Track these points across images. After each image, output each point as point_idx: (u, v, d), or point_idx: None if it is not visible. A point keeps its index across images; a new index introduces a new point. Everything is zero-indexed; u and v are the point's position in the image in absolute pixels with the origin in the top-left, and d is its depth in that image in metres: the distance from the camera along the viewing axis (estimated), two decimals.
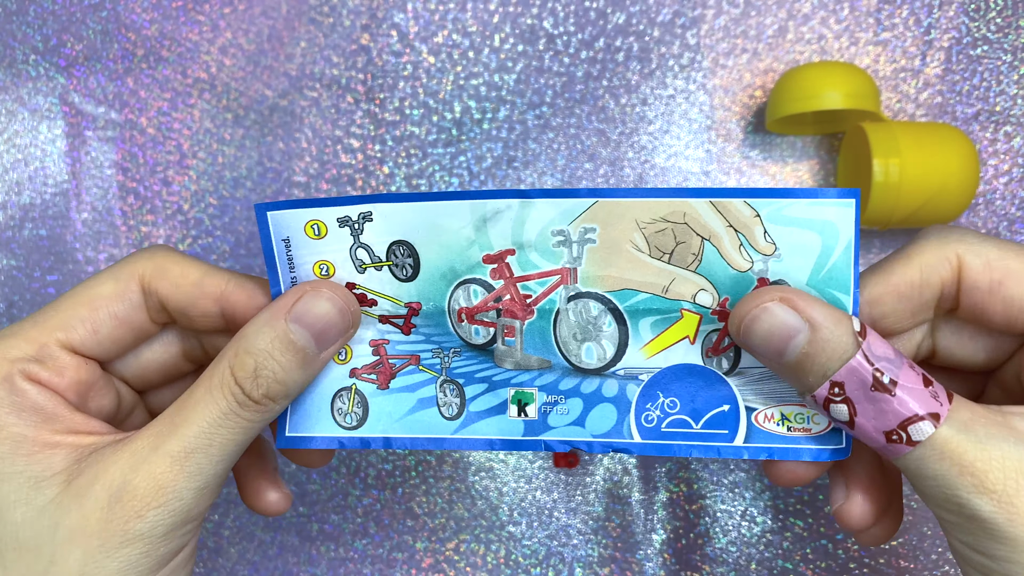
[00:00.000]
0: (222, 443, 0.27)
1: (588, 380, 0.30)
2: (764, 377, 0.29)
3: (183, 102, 0.47)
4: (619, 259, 0.29)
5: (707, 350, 0.30)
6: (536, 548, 0.46)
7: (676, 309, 0.29)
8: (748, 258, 0.28)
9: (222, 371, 0.27)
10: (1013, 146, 0.44)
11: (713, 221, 0.28)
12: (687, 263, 0.29)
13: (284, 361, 0.28)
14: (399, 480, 0.46)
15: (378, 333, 0.31)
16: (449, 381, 0.31)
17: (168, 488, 0.26)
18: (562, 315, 0.30)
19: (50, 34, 0.48)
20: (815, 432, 0.29)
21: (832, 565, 0.44)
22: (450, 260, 0.30)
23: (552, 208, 0.29)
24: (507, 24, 0.46)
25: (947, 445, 0.25)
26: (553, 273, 0.29)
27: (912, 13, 0.44)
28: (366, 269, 0.30)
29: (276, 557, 0.46)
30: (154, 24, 0.47)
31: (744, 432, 0.29)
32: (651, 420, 0.30)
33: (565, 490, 0.46)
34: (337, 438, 0.31)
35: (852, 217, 0.27)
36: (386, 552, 0.46)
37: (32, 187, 0.48)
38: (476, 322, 0.30)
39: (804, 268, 0.28)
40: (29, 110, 0.48)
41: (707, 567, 0.44)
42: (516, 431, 0.30)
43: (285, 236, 0.30)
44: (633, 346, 0.30)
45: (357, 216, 0.29)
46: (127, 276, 0.29)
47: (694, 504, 0.45)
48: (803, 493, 0.44)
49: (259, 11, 0.47)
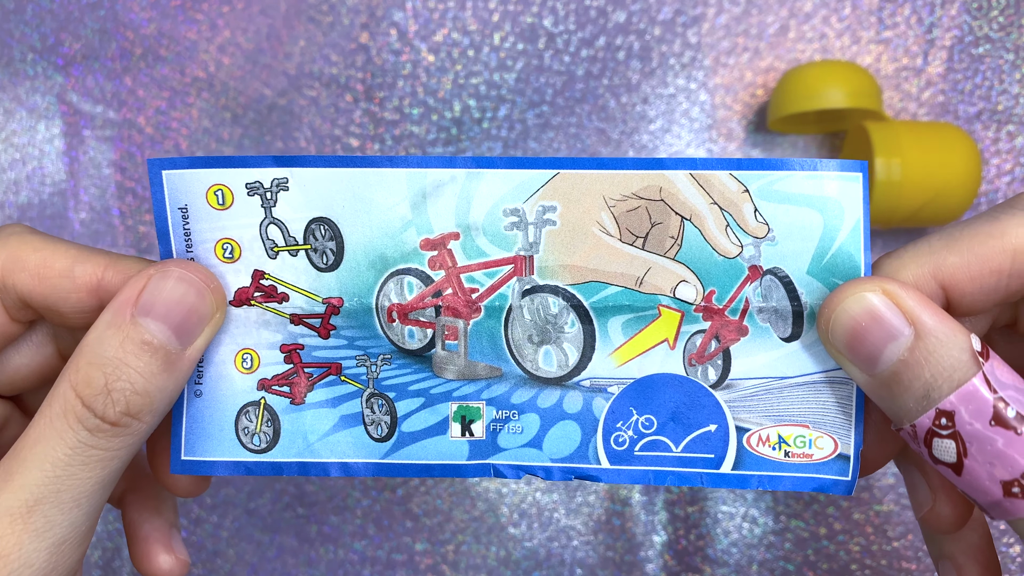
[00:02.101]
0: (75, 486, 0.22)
1: (547, 392, 0.25)
2: (759, 392, 0.25)
3: (181, 101, 0.47)
4: (584, 245, 0.24)
5: (690, 356, 0.25)
6: (536, 549, 0.45)
7: (653, 306, 0.25)
8: (737, 242, 0.24)
9: (63, 395, 0.22)
10: (1015, 145, 0.44)
11: (694, 197, 0.23)
12: (665, 249, 0.24)
13: (141, 366, 0.22)
14: (398, 481, 0.46)
15: (290, 337, 0.26)
16: (377, 395, 0.26)
17: (12, 555, 0.21)
18: (515, 314, 0.25)
19: (48, 33, 0.47)
20: (817, 459, 0.24)
21: (833, 567, 0.44)
22: (380, 245, 0.25)
23: (505, 182, 0.24)
24: (507, 22, 0.46)
25: None
26: (505, 262, 0.25)
27: (914, 12, 0.44)
28: (279, 253, 0.25)
29: (275, 559, 0.46)
30: (152, 23, 0.47)
31: (733, 457, 0.25)
32: (622, 442, 0.25)
33: (565, 491, 0.45)
34: (243, 463, 0.26)
35: (860, 193, 0.23)
36: (385, 554, 0.46)
37: (30, 186, 0.48)
38: (410, 322, 0.25)
39: (804, 254, 0.24)
40: (27, 109, 0.48)
41: (708, 568, 0.44)
42: (460, 454, 0.25)
43: (183, 204, 0.25)
44: (601, 351, 0.25)
45: (270, 183, 0.24)
46: None
47: (695, 505, 0.45)
48: (804, 495, 0.44)
49: (258, 10, 0.47)
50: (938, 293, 0.22)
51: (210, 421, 0.26)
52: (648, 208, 0.24)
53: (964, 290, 0.22)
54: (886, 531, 0.43)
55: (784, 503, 0.44)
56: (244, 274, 0.25)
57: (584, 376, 0.25)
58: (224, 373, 0.26)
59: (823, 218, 0.23)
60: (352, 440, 0.26)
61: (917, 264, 0.22)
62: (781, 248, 0.24)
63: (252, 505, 0.46)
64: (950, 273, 0.22)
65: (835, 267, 0.23)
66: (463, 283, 0.25)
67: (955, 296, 0.22)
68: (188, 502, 0.46)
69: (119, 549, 0.46)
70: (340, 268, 0.25)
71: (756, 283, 0.24)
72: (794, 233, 0.23)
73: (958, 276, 0.22)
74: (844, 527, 0.44)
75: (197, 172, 0.24)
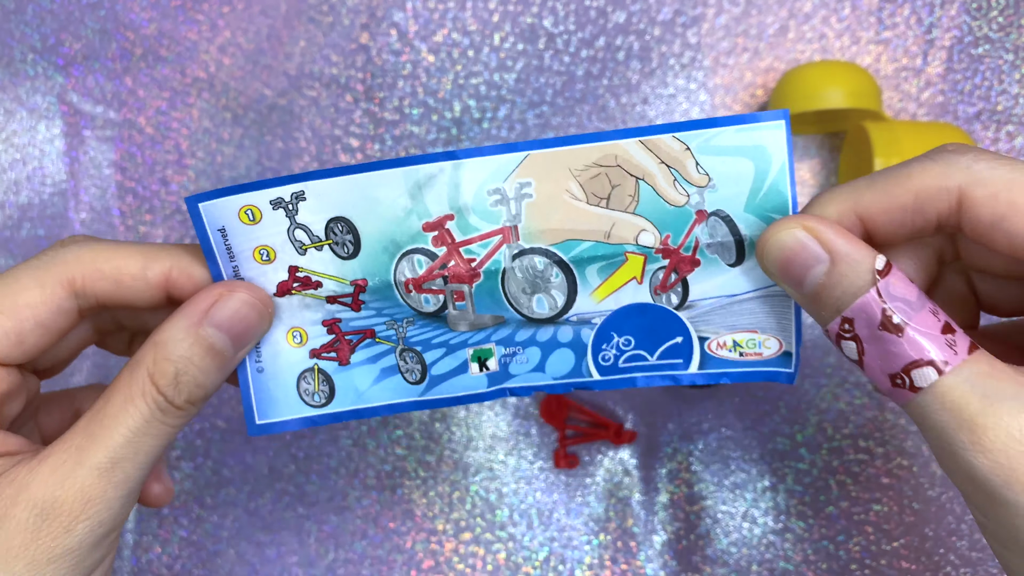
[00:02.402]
0: (147, 450, 0.27)
1: (543, 329, 0.30)
2: (715, 308, 0.30)
3: (182, 101, 0.47)
4: (558, 211, 0.29)
5: (655, 288, 0.30)
6: (536, 550, 0.45)
7: (620, 253, 0.29)
8: (684, 192, 0.28)
9: (141, 379, 0.27)
10: (1015, 145, 0.44)
11: (645, 160, 0.28)
12: (625, 205, 0.29)
13: (204, 366, 0.27)
14: (398, 481, 0.46)
15: (328, 314, 0.30)
16: (407, 349, 0.31)
17: (97, 499, 0.26)
18: (509, 274, 0.30)
19: (48, 33, 0.47)
20: (766, 356, 0.30)
21: (833, 566, 0.44)
22: (390, 232, 0.29)
23: (484, 167, 0.28)
24: (507, 23, 0.46)
25: (949, 395, 0.23)
26: (494, 234, 0.29)
27: (914, 12, 0.44)
28: (307, 250, 0.29)
29: (275, 559, 0.46)
30: (152, 23, 0.47)
31: (698, 360, 0.30)
32: (608, 359, 0.30)
33: (565, 491, 0.45)
34: (309, 417, 0.31)
35: (783, 138, 0.27)
36: (385, 553, 0.46)
37: (30, 187, 0.48)
38: (424, 291, 0.30)
39: (740, 195, 0.28)
40: (27, 109, 0.48)
41: (708, 568, 0.44)
42: (480, 385, 0.31)
43: (220, 226, 0.29)
44: (583, 293, 0.30)
45: (290, 196, 0.29)
46: (53, 282, 0.28)
47: (695, 505, 0.45)
48: (805, 494, 0.44)
49: (258, 10, 0.47)
50: (857, 225, 0.26)
51: (275, 389, 0.31)
52: (607, 174, 0.28)
53: (878, 223, 0.26)
54: (886, 531, 0.44)
55: (785, 502, 0.44)
56: (281, 271, 0.30)
57: (572, 313, 0.30)
58: (279, 350, 0.30)
59: (754, 164, 0.28)
60: (393, 387, 0.31)
61: (842, 200, 0.26)
62: (721, 193, 0.28)
63: (252, 505, 0.46)
64: (866, 208, 0.26)
65: (767, 203, 0.28)
66: (463, 255, 0.29)
67: (871, 228, 0.26)
68: (189, 501, 0.46)
69: (119, 549, 0.46)
70: (360, 255, 0.30)
71: (703, 224, 0.29)
72: (731, 179, 0.28)
73: (872, 211, 0.26)
74: (844, 527, 0.44)
75: (227, 199, 0.29)
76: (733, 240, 0.29)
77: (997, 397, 0.23)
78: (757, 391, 0.45)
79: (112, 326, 0.32)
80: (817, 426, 0.44)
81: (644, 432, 0.45)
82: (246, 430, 0.31)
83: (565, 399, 0.44)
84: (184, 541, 0.46)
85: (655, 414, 0.45)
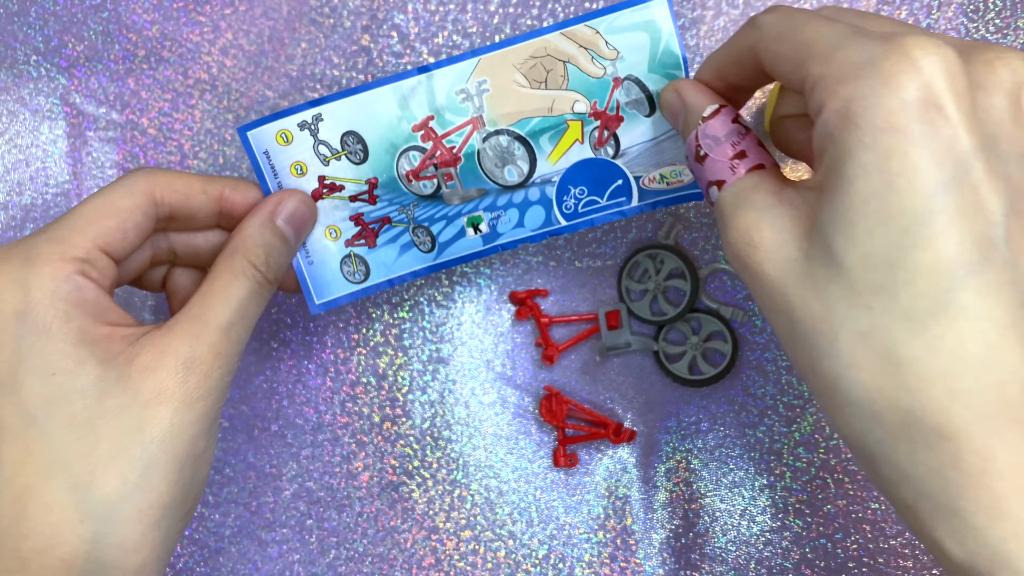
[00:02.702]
0: (251, 315, 0.35)
1: (516, 193, 0.38)
2: (642, 152, 0.38)
3: (184, 103, 0.47)
4: (510, 98, 0.37)
5: (594, 145, 0.38)
6: (536, 548, 0.46)
7: (562, 121, 0.37)
8: (601, 66, 0.36)
9: (240, 262, 0.34)
10: None
11: (568, 47, 0.36)
12: (559, 84, 0.37)
13: (281, 250, 0.36)
14: (400, 480, 0.46)
15: (352, 210, 0.39)
16: (418, 227, 0.39)
17: (223, 353, 0.33)
18: (483, 153, 0.38)
19: (51, 35, 0.48)
20: (686, 181, 0.38)
21: (831, 564, 0.44)
22: (388, 137, 0.37)
23: (450, 74, 0.36)
24: (507, 25, 0.46)
25: (720, 205, 0.31)
26: (466, 124, 0.37)
27: (911, 14, 0.45)
28: (329, 161, 0.38)
29: (276, 557, 0.46)
30: (155, 25, 0.47)
31: (637, 194, 0.38)
32: (570, 207, 0.38)
33: (565, 490, 0.46)
34: (353, 292, 0.40)
35: (667, 12, 0.35)
36: (386, 551, 0.46)
37: (33, 188, 0.48)
38: (421, 178, 0.38)
39: (643, 61, 0.36)
40: (30, 111, 0.48)
41: (706, 566, 0.45)
42: (478, 244, 0.39)
43: (264, 149, 0.37)
44: (540, 159, 0.38)
45: (311, 119, 0.37)
46: (141, 191, 0.34)
47: (693, 503, 0.45)
48: (803, 492, 0.44)
49: (260, 12, 0.47)
50: (718, 80, 0.33)
51: (324, 275, 0.39)
52: (541, 63, 0.36)
53: (728, 77, 0.33)
54: (884, 529, 0.44)
55: (783, 501, 0.44)
56: (312, 181, 0.38)
57: (536, 177, 0.38)
58: (322, 245, 0.39)
59: (648, 35, 0.36)
60: (412, 257, 0.39)
61: (710, 64, 0.34)
62: (628, 61, 0.36)
63: (254, 503, 0.47)
64: (718, 67, 0.33)
65: (664, 63, 0.36)
66: (445, 145, 0.37)
67: (728, 81, 0.33)
68: None
69: None
70: (369, 159, 0.38)
71: (620, 88, 0.37)
72: (633, 49, 0.36)
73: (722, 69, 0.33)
74: (842, 525, 0.44)
75: (266, 126, 0.37)
76: (644, 96, 0.37)
77: (742, 205, 0.29)
78: (756, 390, 0.45)
79: (164, 254, 0.38)
80: (815, 424, 0.45)
81: (643, 431, 0.45)
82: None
83: (564, 398, 0.45)
84: (186, 539, 0.47)
85: (654, 413, 0.45)
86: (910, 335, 0.24)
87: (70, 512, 0.29)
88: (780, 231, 0.27)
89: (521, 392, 0.46)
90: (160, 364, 0.31)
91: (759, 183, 0.30)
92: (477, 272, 0.46)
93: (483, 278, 0.46)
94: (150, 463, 0.30)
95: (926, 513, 0.25)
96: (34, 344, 0.30)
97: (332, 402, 0.47)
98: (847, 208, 0.25)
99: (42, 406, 0.29)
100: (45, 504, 0.29)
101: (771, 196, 0.29)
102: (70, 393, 0.30)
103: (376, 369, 0.47)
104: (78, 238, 0.32)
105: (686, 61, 0.36)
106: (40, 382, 0.30)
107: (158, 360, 0.31)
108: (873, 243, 0.25)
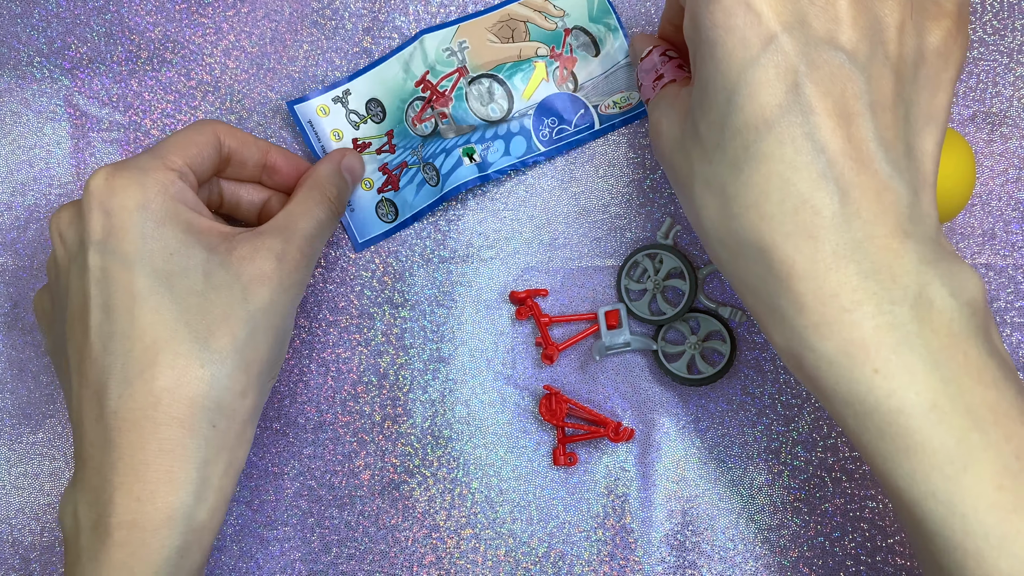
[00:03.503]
0: (323, 237, 0.42)
1: (500, 127, 0.45)
2: (597, 83, 0.45)
3: (187, 104, 0.48)
4: (486, 51, 0.45)
5: (557, 82, 0.45)
6: (536, 546, 0.46)
7: (530, 63, 0.45)
8: (553, 22, 0.45)
9: (319, 193, 0.42)
10: (1009, 147, 0.45)
11: (525, 11, 0.45)
12: (523, 38, 0.45)
13: (346, 191, 0.44)
14: (400, 479, 0.46)
15: (379, 161, 0.47)
16: (426, 164, 0.45)
17: (307, 256, 0.40)
18: (469, 94, 0.45)
19: (54, 36, 0.48)
20: (634, 104, 0.45)
21: (829, 563, 0.44)
22: (398, 95, 0.46)
23: (437, 39, 0.45)
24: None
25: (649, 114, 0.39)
26: (454, 73, 0.45)
27: None
28: (359, 126, 0.46)
29: (278, 555, 0.47)
30: (158, 27, 0.48)
31: (598, 120, 0.45)
32: (546, 135, 0.45)
33: (564, 488, 0.46)
34: (388, 230, 0.46)
35: None
36: (387, 548, 0.46)
37: (37, 188, 0.48)
38: (422, 120, 0.46)
39: (584, 15, 0.45)
40: (34, 112, 0.48)
41: (705, 564, 0.45)
42: (474, 172, 0.45)
43: (308, 120, 0.46)
44: (516, 96, 0.45)
45: (342, 94, 0.46)
46: (210, 131, 0.40)
47: (692, 502, 0.45)
48: (800, 491, 0.45)
49: (262, 14, 0.47)
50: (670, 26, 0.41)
51: (364, 219, 0.47)
52: (507, 24, 0.45)
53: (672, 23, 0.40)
54: (882, 528, 0.44)
55: (781, 499, 0.45)
56: (348, 143, 0.46)
57: (515, 111, 0.45)
58: (360, 194, 0.47)
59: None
60: (426, 192, 0.46)
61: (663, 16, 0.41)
62: (573, 16, 0.45)
63: (256, 501, 0.47)
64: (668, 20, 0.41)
65: (601, 16, 0.45)
66: (439, 90, 0.46)
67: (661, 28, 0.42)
68: None
69: None
70: (387, 118, 0.47)
71: (571, 36, 0.45)
72: (575, 7, 0.45)
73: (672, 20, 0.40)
74: (840, 524, 0.44)
75: (308, 103, 0.46)
76: (590, 40, 0.45)
77: (655, 110, 0.38)
78: (754, 390, 0.45)
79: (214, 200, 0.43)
80: (813, 424, 0.45)
81: (642, 430, 0.46)
82: None
83: (564, 397, 0.45)
84: None
85: (653, 412, 0.46)
86: (734, 177, 0.31)
87: (193, 359, 0.35)
88: (672, 121, 0.36)
89: (521, 391, 0.46)
90: (257, 255, 0.37)
91: (665, 93, 0.38)
92: (477, 272, 0.46)
93: (483, 278, 0.46)
94: (255, 327, 0.37)
95: (761, 313, 0.33)
96: (154, 230, 0.36)
97: (333, 401, 0.47)
98: (699, 91, 0.33)
99: (165, 278, 0.36)
100: (174, 352, 0.35)
101: (671, 99, 0.37)
102: (186, 269, 0.36)
103: (377, 368, 0.47)
104: (174, 156, 0.38)
105: (615, 8, 0.45)
106: (161, 259, 0.36)
107: (254, 252, 0.37)
108: (714, 113, 0.32)
